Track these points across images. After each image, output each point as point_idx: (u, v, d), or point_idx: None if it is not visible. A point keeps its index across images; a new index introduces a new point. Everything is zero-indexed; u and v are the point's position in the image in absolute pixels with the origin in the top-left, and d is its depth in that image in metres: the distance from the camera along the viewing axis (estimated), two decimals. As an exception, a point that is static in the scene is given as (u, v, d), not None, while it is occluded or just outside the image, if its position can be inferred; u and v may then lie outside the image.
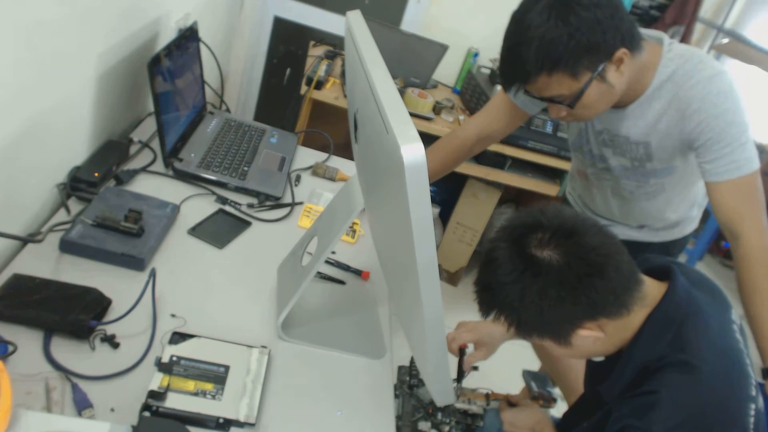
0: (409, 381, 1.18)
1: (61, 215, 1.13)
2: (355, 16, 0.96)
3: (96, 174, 1.22)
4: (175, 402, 0.85)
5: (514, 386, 2.13)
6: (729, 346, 0.87)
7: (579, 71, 1.05)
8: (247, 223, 1.31)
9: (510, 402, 1.21)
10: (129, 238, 1.09)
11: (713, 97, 1.10)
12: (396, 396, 1.14)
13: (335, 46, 2.63)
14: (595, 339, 0.86)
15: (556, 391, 1.22)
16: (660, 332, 0.86)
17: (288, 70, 2.97)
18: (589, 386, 1.09)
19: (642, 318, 0.87)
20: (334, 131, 1.89)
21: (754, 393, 0.84)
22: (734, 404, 0.82)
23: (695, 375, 0.81)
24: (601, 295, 0.81)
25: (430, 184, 1.14)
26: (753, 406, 0.83)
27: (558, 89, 1.07)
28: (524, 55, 1.03)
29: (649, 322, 0.87)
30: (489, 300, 0.87)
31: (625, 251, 0.84)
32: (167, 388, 0.86)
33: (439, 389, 0.94)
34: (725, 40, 3.04)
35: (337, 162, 1.71)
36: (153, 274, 1.00)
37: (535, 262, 0.81)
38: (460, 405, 1.17)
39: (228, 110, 1.82)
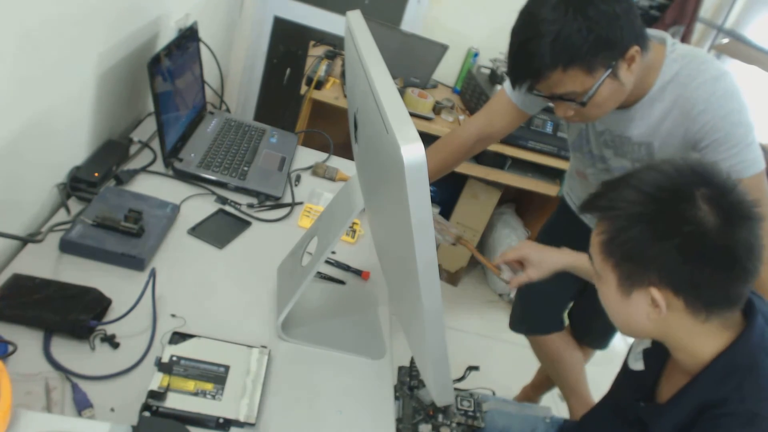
0: (409, 382, 1.18)
1: (61, 215, 1.13)
2: (355, 16, 0.96)
3: (96, 174, 1.21)
4: (175, 402, 0.85)
5: (514, 386, 2.14)
6: None
7: (594, 67, 1.03)
8: (247, 223, 1.31)
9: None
10: (129, 238, 1.09)
11: (719, 98, 1.09)
12: (396, 398, 1.14)
13: (335, 46, 2.63)
14: (651, 313, 0.79)
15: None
16: (728, 374, 0.80)
17: (288, 70, 2.97)
18: (624, 396, 1.02)
19: (711, 348, 0.81)
20: (334, 131, 1.89)
21: None
22: None
23: (762, 424, 0.76)
24: (709, 284, 0.75)
25: (430, 184, 1.14)
26: None
27: (571, 86, 1.05)
28: (538, 50, 1.01)
29: (719, 361, 0.80)
30: (611, 195, 0.79)
31: (758, 272, 0.76)
32: (167, 388, 0.86)
33: (440, 389, 0.94)
34: (725, 40, 3.04)
35: (337, 162, 1.71)
36: (153, 274, 1.00)
37: (688, 204, 0.73)
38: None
39: (228, 110, 1.82)
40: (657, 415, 0.86)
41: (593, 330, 1.78)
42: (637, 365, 0.91)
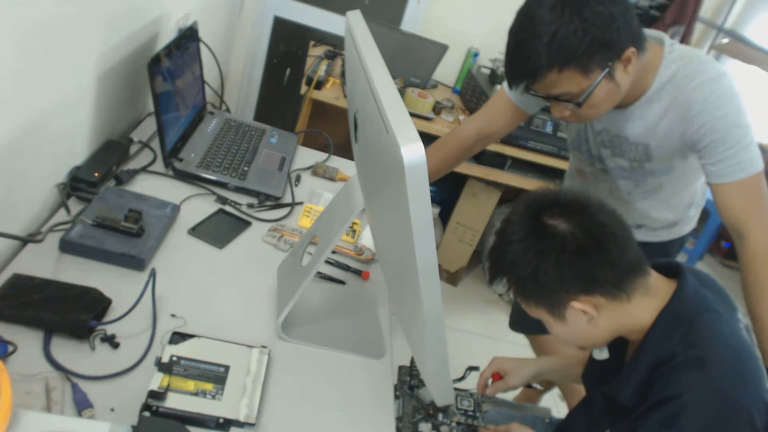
0: (409, 381, 1.18)
1: (61, 215, 1.13)
2: (355, 16, 0.96)
3: (96, 174, 1.22)
4: (175, 402, 0.85)
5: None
6: (739, 342, 0.87)
7: (590, 68, 1.03)
8: (247, 223, 1.31)
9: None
10: (129, 238, 1.09)
11: (716, 100, 1.09)
12: (396, 397, 1.14)
13: (335, 46, 2.63)
14: (590, 318, 0.87)
15: None
16: (671, 329, 0.86)
17: (288, 70, 2.97)
18: (593, 387, 1.07)
19: (650, 313, 0.88)
20: (334, 131, 1.89)
21: None
22: (752, 395, 0.81)
23: (709, 369, 0.81)
24: (599, 270, 0.84)
25: (430, 184, 1.14)
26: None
27: (567, 86, 1.05)
28: (535, 51, 1.01)
29: (661, 319, 0.87)
30: (497, 260, 0.90)
31: (633, 238, 0.87)
32: (167, 388, 0.86)
33: (440, 389, 0.94)
34: (725, 40, 3.05)
35: (337, 162, 1.71)
36: (153, 274, 1.00)
37: (543, 226, 0.85)
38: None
39: (228, 110, 1.82)
40: (618, 386, 0.92)
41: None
42: (602, 354, 0.97)
